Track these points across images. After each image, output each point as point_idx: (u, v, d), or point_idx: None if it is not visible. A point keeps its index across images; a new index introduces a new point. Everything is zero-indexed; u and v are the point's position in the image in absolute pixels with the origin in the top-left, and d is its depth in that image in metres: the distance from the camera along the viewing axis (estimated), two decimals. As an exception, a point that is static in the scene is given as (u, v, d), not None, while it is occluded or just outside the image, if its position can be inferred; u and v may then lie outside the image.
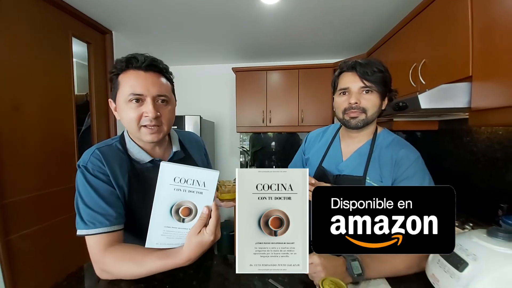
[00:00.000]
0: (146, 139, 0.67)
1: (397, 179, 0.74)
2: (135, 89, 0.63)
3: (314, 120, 2.37)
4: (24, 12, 1.29)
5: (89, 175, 0.63)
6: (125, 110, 0.65)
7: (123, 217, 0.66)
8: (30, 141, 1.31)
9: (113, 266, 0.60)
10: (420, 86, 1.26)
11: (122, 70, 0.65)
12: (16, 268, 1.21)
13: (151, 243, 0.55)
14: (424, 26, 1.26)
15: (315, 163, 0.93)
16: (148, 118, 0.64)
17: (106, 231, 0.60)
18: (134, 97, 0.63)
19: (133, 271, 0.59)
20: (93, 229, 0.60)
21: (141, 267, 0.57)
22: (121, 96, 0.64)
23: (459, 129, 1.42)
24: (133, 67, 0.64)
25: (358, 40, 2.11)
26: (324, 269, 0.55)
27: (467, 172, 1.36)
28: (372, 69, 0.74)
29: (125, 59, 0.64)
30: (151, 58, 0.66)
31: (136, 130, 0.66)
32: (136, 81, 0.63)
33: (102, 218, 0.60)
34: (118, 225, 0.63)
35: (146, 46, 2.25)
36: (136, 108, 0.64)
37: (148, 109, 0.63)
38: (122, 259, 0.59)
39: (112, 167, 0.66)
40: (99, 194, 0.62)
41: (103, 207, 0.61)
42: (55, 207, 1.42)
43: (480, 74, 0.90)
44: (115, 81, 0.66)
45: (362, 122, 0.78)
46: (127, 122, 0.66)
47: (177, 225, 0.56)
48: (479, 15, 0.92)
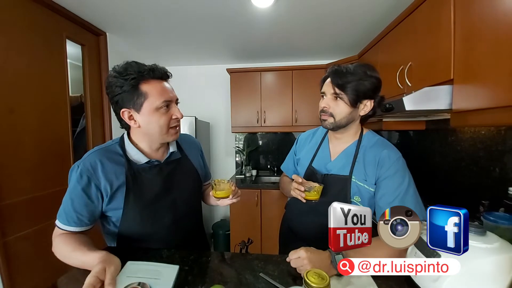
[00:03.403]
0: (172, 139, 0.77)
1: (380, 177, 0.78)
2: (166, 96, 0.71)
3: (307, 120, 2.42)
4: (18, 14, 1.30)
5: (78, 176, 0.69)
6: (156, 116, 0.71)
7: (93, 222, 0.73)
8: (26, 143, 1.32)
9: (56, 247, 0.68)
10: (407, 88, 1.31)
11: (144, 79, 0.70)
12: (13, 269, 1.22)
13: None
14: (410, 30, 1.31)
15: (305, 163, 0.97)
16: (177, 119, 0.75)
17: (73, 231, 0.69)
18: (166, 103, 0.71)
19: (63, 257, 0.66)
20: (67, 226, 0.69)
21: (67, 258, 0.65)
22: (151, 104, 0.70)
23: (445, 129, 1.48)
24: (155, 77, 0.71)
25: (349, 42, 2.16)
26: (310, 262, 0.59)
27: (452, 170, 1.42)
28: (345, 78, 0.78)
29: (146, 70, 0.70)
30: (162, 67, 0.74)
31: (165, 133, 0.74)
32: (164, 89, 0.72)
33: (76, 219, 0.69)
34: (86, 226, 0.71)
35: (140, 47, 2.26)
36: (165, 113, 0.72)
37: (176, 111, 0.74)
38: (62, 242, 0.67)
39: (106, 170, 0.70)
40: (79, 197, 0.69)
41: (79, 210, 0.69)
42: (51, 209, 1.41)
43: (461, 77, 0.95)
44: (137, 91, 0.69)
45: (331, 125, 0.83)
46: (159, 126, 0.72)
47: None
48: (460, 21, 0.97)
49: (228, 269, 0.69)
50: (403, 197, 0.74)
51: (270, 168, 2.79)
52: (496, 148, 1.15)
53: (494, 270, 0.50)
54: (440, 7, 1.07)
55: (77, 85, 2.06)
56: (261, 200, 2.22)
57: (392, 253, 0.64)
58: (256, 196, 2.21)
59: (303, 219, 0.93)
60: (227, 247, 2.43)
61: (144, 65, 0.71)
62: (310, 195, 0.78)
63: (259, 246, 2.24)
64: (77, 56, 1.86)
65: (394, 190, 0.75)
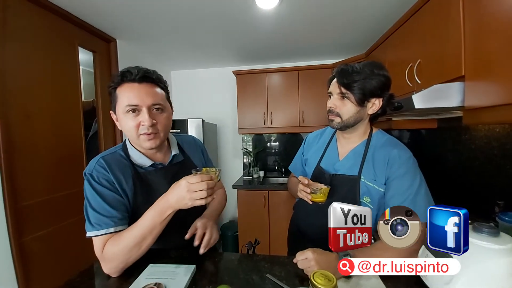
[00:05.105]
0: (145, 146, 0.72)
1: (390, 177, 0.76)
2: (131, 100, 0.68)
3: (315, 121, 2.40)
4: (32, 24, 1.36)
5: (94, 182, 0.68)
6: (124, 120, 0.70)
7: (126, 218, 0.71)
8: (41, 147, 1.37)
9: (111, 250, 0.64)
10: (416, 85, 1.28)
11: (119, 84, 0.70)
12: (28, 268, 1.26)
13: None
14: (418, 27, 1.28)
15: (313, 163, 0.96)
16: (145, 126, 0.69)
17: (111, 232, 0.66)
18: (131, 108, 0.68)
19: (128, 240, 0.63)
20: (100, 230, 0.65)
21: (132, 230, 0.64)
22: (120, 108, 0.69)
23: (457, 127, 1.43)
24: (128, 80, 0.69)
25: (356, 41, 2.13)
26: (317, 264, 0.59)
27: (466, 169, 1.37)
28: (351, 77, 0.77)
29: (120, 73, 0.69)
30: (144, 70, 0.70)
31: (136, 138, 0.71)
32: (132, 93, 0.68)
33: (108, 220, 0.66)
34: (122, 225, 0.68)
35: (148, 52, 2.32)
36: (134, 118, 0.69)
37: (144, 118, 0.68)
38: (116, 240, 0.65)
39: (115, 173, 0.71)
40: (104, 199, 0.67)
41: (108, 210, 0.67)
42: (66, 210, 1.48)
43: (472, 74, 0.92)
44: (114, 95, 0.71)
45: (339, 125, 0.82)
46: (127, 131, 0.71)
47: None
48: (470, 15, 0.94)
49: (234, 269, 0.69)
50: (414, 198, 0.72)
51: (277, 169, 2.78)
52: (511, 146, 1.10)
53: (507, 272, 0.48)
54: (448, 2, 1.04)
55: (89, 90, 2.13)
56: (269, 201, 2.21)
57: (402, 254, 0.63)
58: (264, 197, 2.21)
59: (310, 220, 0.93)
60: (235, 248, 2.43)
61: (129, 69, 0.70)
62: (316, 197, 0.78)
63: (268, 247, 2.23)
64: (89, 63, 1.92)
65: (404, 191, 0.73)
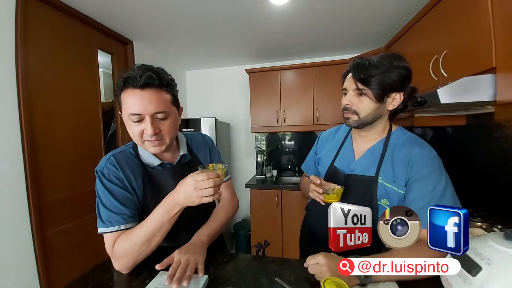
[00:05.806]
0: (150, 151, 0.73)
1: (411, 178, 0.70)
2: (133, 108, 0.65)
3: (330, 119, 2.32)
4: (54, 28, 1.43)
5: (105, 179, 0.69)
6: (129, 126, 0.70)
7: (136, 216, 0.71)
8: (63, 146, 1.45)
9: (121, 247, 0.64)
10: (442, 79, 1.18)
11: (122, 89, 0.67)
12: (50, 261, 1.33)
13: None
14: (443, 16, 1.18)
15: (326, 163, 0.92)
16: (148, 134, 0.67)
17: (122, 229, 0.66)
18: (133, 117, 0.66)
19: (138, 238, 0.64)
20: (110, 227, 0.66)
21: (141, 228, 0.64)
22: (124, 113, 0.69)
23: (488, 123, 1.31)
24: (131, 86, 0.65)
25: (374, 34, 2.03)
26: (329, 269, 0.55)
27: (497, 171, 1.25)
28: (368, 71, 0.71)
29: (123, 79, 0.66)
30: (147, 74, 0.64)
31: (141, 143, 0.71)
32: (134, 101, 0.65)
33: (118, 217, 0.67)
34: (132, 223, 0.69)
35: (163, 53, 2.37)
36: (137, 125, 0.67)
37: (147, 127, 0.66)
38: (126, 237, 0.65)
39: (125, 171, 0.72)
40: (114, 196, 0.68)
41: (119, 207, 0.67)
42: (85, 206, 1.55)
43: (505, 65, 0.83)
44: (119, 99, 0.70)
45: (356, 123, 0.77)
46: (132, 136, 0.71)
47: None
48: (500, 1, 0.85)
49: (242, 271, 0.67)
50: (439, 201, 0.65)
51: (291, 169, 2.73)
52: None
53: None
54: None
55: (109, 91, 2.22)
56: (281, 201, 2.18)
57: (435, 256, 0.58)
58: (276, 196, 2.18)
59: (323, 222, 0.88)
60: (248, 247, 2.43)
61: (132, 71, 0.66)
62: (329, 197, 0.73)
63: (280, 247, 2.20)
64: (108, 65, 2.00)
65: (427, 193, 0.67)
